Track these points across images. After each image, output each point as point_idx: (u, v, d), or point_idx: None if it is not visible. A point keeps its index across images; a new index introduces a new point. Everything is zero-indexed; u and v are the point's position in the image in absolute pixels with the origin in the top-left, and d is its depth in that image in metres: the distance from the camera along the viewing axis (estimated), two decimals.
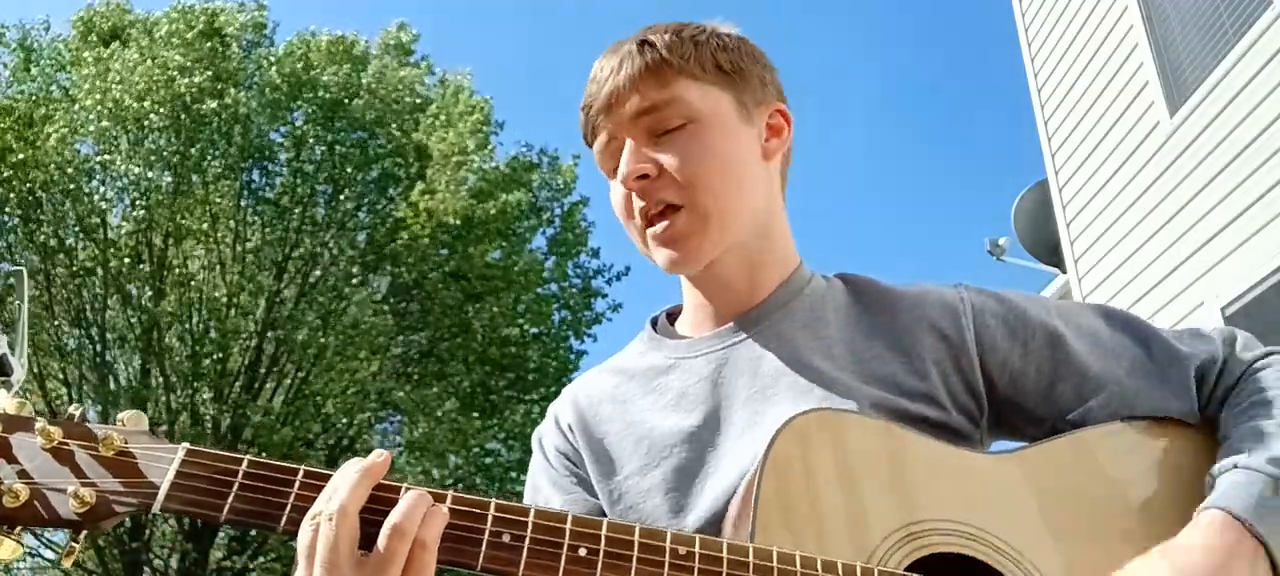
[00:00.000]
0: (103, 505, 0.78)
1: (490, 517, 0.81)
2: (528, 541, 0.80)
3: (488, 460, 14.39)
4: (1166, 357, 1.03)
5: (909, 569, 0.87)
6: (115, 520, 0.79)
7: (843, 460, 0.91)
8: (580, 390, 1.15)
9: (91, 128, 12.18)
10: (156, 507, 0.79)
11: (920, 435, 0.95)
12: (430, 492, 0.82)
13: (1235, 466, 0.90)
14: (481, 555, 0.79)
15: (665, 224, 1.04)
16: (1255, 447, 0.92)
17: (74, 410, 0.83)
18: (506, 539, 0.80)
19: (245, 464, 0.81)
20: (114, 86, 12.05)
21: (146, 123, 12.32)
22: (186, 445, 0.82)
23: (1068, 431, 1.01)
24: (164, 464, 0.80)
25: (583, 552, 0.80)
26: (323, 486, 0.81)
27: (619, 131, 1.06)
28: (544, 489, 1.12)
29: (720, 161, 1.04)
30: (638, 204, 1.06)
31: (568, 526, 0.81)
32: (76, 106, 12.34)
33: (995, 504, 0.93)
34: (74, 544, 0.79)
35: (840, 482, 0.90)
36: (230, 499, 0.79)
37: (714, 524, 0.97)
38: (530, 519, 0.81)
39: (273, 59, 13.44)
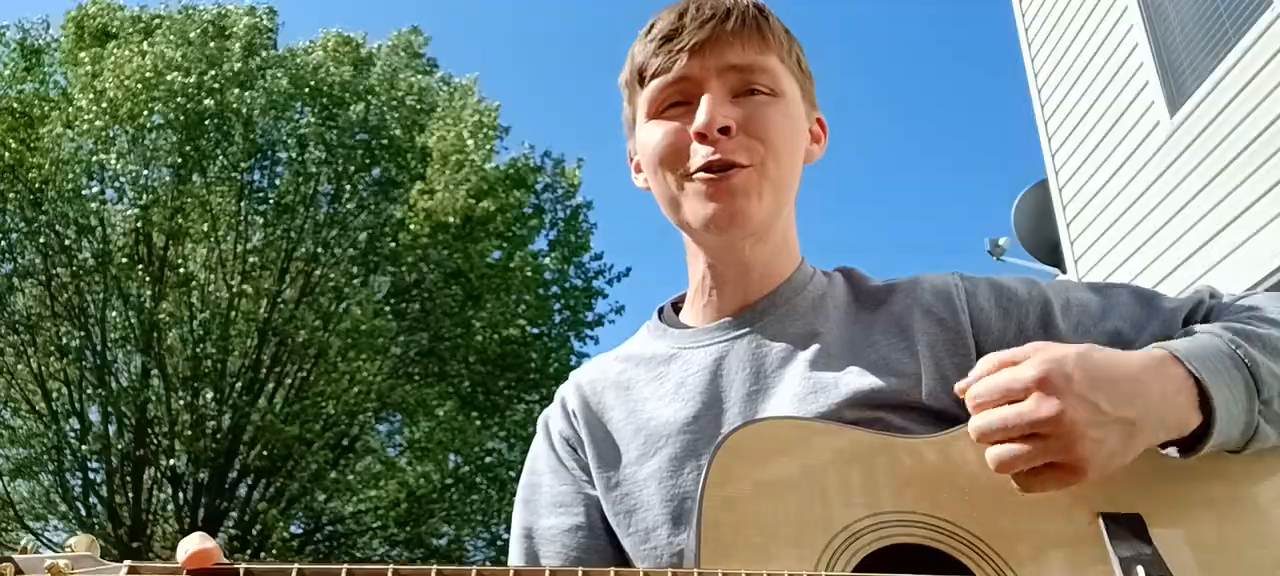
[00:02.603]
0: None
1: None
2: None
3: (488, 459, 14.40)
4: (1159, 307, 1.04)
5: (863, 563, 0.86)
6: None
7: (782, 469, 0.90)
8: (586, 375, 1.16)
9: (86, 127, 12.17)
10: None
11: (869, 431, 0.95)
12: (366, 568, 0.81)
13: (1190, 332, 0.93)
14: None
15: (726, 174, 1.01)
16: (1218, 324, 0.94)
17: (26, 542, 0.86)
18: None
19: (185, 571, 0.81)
20: (109, 85, 12.04)
21: (143, 121, 12.32)
22: (128, 563, 0.83)
23: None
24: None
25: None
26: None
27: (701, 75, 1.02)
28: (542, 473, 1.12)
29: (792, 141, 1.05)
30: (701, 153, 1.02)
31: None
32: (73, 106, 12.33)
33: (949, 487, 0.91)
34: None
35: (781, 493, 0.89)
36: None
37: None
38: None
39: (278, 60, 13.42)
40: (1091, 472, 0.82)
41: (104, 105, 12.06)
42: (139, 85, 12.04)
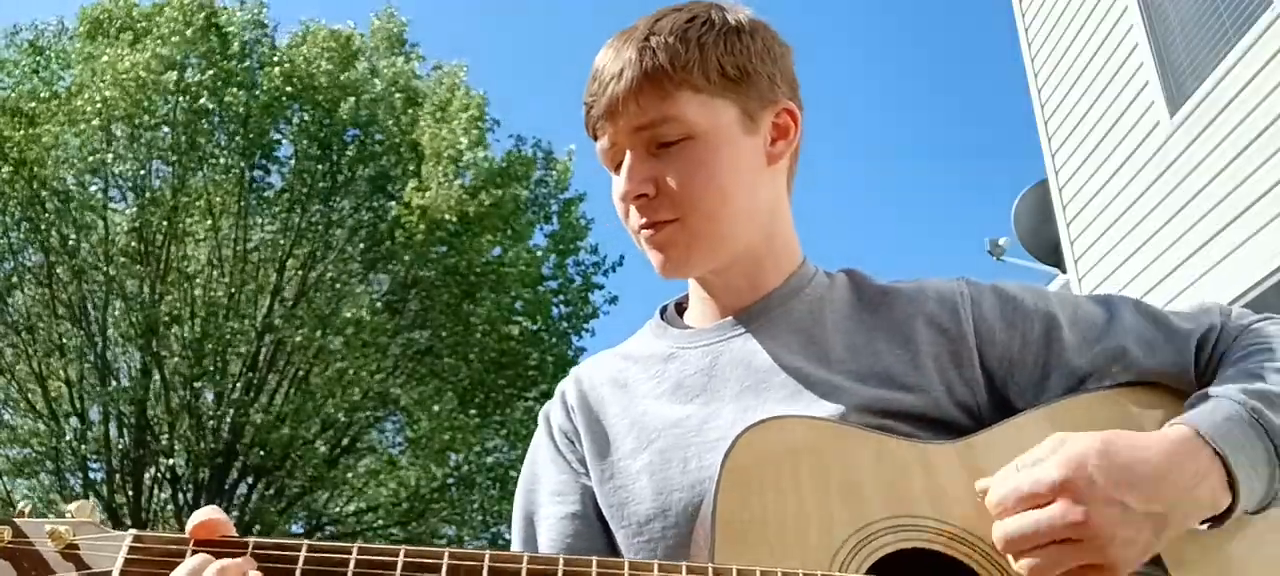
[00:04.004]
0: None
1: (445, 566, 0.81)
2: None
3: (489, 458, 14.38)
4: (1168, 331, 1.03)
5: (876, 566, 0.87)
6: None
7: (798, 467, 0.91)
8: (586, 371, 1.18)
9: (89, 126, 12.16)
10: None
11: (881, 433, 0.95)
12: (377, 548, 0.82)
13: (1207, 396, 0.91)
14: None
15: (653, 232, 1.05)
16: (1233, 382, 0.93)
17: (24, 507, 0.84)
18: None
19: (191, 545, 0.81)
20: (108, 83, 12.02)
21: (143, 121, 12.31)
22: (133, 531, 0.82)
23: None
24: (111, 552, 0.81)
25: None
26: (273, 553, 0.81)
27: (619, 141, 1.05)
28: (542, 464, 1.14)
29: (718, 181, 1.03)
30: (635, 217, 1.07)
31: (524, 566, 0.82)
32: (75, 103, 12.32)
33: (960, 492, 0.92)
34: None
35: (796, 490, 0.90)
36: None
37: (696, 509, 0.98)
38: (485, 562, 0.82)
39: (274, 57, 13.40)
40: (1124, 571, 0.82)
41: (101, 104, 12.04)
42: (137, 84, 12.02)
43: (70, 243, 12.37)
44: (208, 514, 0.82)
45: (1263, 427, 0.88)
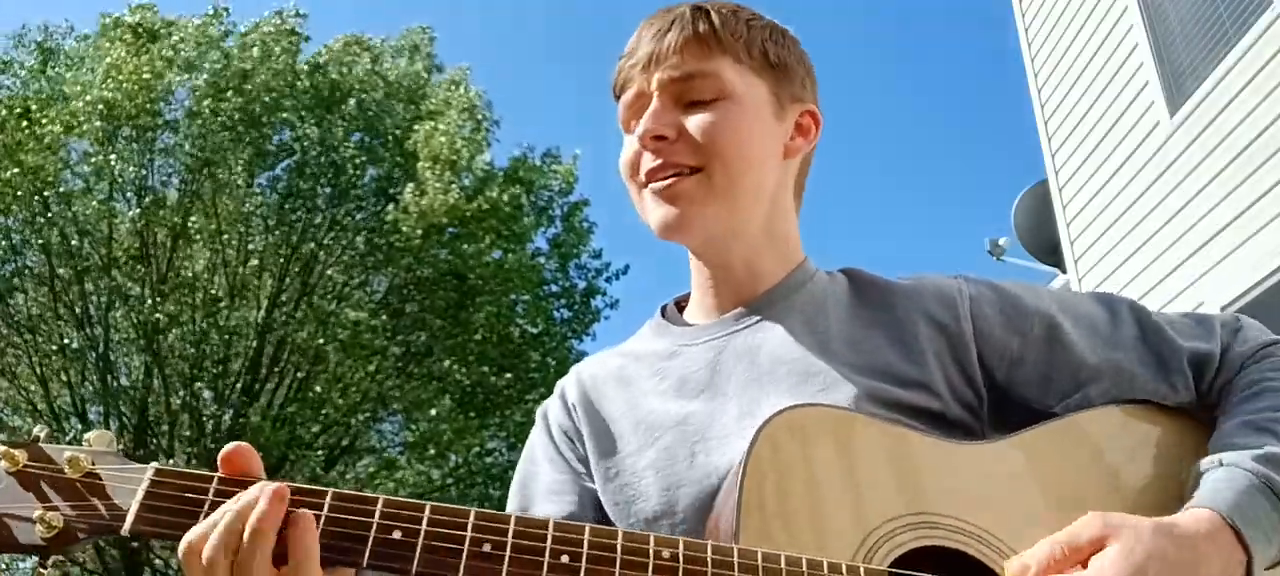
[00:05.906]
0: (70, 529, 0.76)
1: (470, 525, 0.80)
2: (509, 549, 0.79)
3: (488, 460, 14.37)
4: (1166, 347, 1.03)
5: (894, 564, 0.86)
6: (83, 544, 0.77)
7: (824, 457, 0.91)
8: (587, 369, 1.17)
9: (92, 126, 12.16)
10: (125, 529, 0.77)
11: (903, 427, 0.95)
12: (401, 501, 0.81)
13: (1221, 464, 0.91)
14: (462, 565, 0.78)
15: (671, 181, 1.05)
16: (1241, 444, 0.92)
17: (39, 431, 0.81)
18: (487, 548, 0.79)
19: (215, 482, 0.79)
20: (108, 87, 12.01)
21: (147, 123, 12.31)
22: (155, 465, 0.79)
23: (1060, 416, 1.01)
24: (132, 485, 0.78)
25: (565, 559, 0.80)
26: (299, 498, 0.80)
27: (649, 89, 1.06)
28: (539, 462, 1.14)
29: (742, 142, 1.05)
30: (648, 163, 1.06)
31: (549, 533, 0.81)
32: (81, 104, 12.31)
33: (981, 494, 0.92)
34: (41, 570, 0.77)
35: (822, 480, 0.89)
36: (201, 518, 0.78)
37: (704, 505, 0.97)
38: (510, 526, 0.80)
39: (286, 61, 13.34)
40: None
41: (102, 107, 12.03)
42: (143, 87, 12.01)
43: (72, 244, 12.36)
44: (238, 447, 0.80)
45: (1275, 496, 0.88)
